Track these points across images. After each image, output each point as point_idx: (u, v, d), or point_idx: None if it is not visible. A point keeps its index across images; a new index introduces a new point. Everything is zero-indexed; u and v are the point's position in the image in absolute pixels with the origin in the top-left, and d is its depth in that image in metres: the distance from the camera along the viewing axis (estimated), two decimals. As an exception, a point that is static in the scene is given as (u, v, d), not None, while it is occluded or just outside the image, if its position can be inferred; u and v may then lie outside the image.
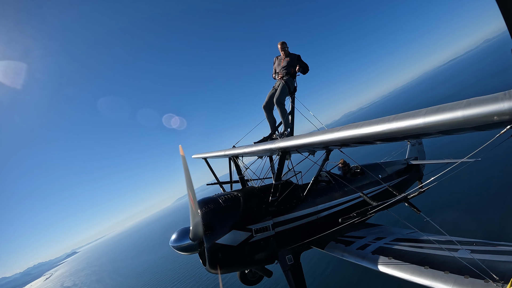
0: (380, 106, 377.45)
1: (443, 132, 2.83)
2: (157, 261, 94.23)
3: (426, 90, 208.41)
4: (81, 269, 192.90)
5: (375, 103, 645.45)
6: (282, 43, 7.43)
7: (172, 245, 5.54)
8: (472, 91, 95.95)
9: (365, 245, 5.36)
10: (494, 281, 3.43)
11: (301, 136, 4.69)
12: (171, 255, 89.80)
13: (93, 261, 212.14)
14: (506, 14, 1.57)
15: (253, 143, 6.69)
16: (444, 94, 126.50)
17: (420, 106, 2.70)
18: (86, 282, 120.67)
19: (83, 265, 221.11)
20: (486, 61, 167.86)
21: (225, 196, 6.03)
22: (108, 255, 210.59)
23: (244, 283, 7.85)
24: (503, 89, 2.16)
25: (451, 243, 4.55)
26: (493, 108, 2.00)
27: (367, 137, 3.34)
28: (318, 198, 6.49)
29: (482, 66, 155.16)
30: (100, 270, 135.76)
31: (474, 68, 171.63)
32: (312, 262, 25.91)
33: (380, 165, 8.92)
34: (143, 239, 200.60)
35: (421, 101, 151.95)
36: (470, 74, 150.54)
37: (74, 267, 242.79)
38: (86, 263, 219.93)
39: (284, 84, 7.14)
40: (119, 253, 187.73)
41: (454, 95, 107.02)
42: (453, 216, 28.87)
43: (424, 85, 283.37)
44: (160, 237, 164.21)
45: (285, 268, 5.85)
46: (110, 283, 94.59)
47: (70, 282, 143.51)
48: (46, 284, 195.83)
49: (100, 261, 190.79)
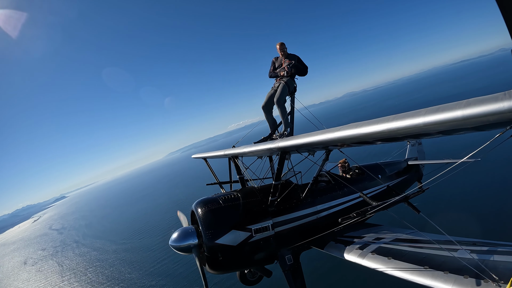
0: (384, 91, 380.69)
1: (443, 132, 2.83)
2: (148, 210, 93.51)
3: (432, 85, 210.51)
4: (70, 213, 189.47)
5: (380, 88, 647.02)
6: (280, 44, 7.42)
7: (172, 244, 5.55)
8: (477, 94, 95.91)
9: (364, 245, 5.36)
10: (494, 281, 3.43)
11: (301, 136, 4.69)
12: (163, 206, 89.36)
13: (83, 206, 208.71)
14: (506, 14, 1.57)
15: (253, 143, 6.69)
16: (449, 92, 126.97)
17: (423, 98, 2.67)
18: (74, 226, 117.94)
19: (72, 209, 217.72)
20: (499, 69, 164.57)
21: (225, 196, 6.04)
22: (98, 202, 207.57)
23: (244, 283, 7.84)
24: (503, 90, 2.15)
25: (451, 243, 4.55)
26: (493, 108, 2.00)
27: (367, 137, 3.34)
28: (317, 198, 6.48)
29: (494, 74, 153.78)
30: (90, 215, 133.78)
31: (485, 73, 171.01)
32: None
33: (380, 165, 8.92)
34: (134, 189, 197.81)
35: (425, 94, 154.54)
36: (480, 79, 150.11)
37: (63, 211, 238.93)
38: (75, 208, 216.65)
39: (284, 84, 7.14)
40: (110, 200, 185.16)
41: (458, 95, 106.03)
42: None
43: (431, 79, 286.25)
44: (150, 188, 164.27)
45: (285, 268, 5.85)
46: (99, 228, 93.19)
47: (59, 225, 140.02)
48: (34, 226, 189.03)
49: (90, 206, 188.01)
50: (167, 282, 38.51)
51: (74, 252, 70.44)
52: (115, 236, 73.86)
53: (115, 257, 56.61)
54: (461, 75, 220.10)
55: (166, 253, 47.98)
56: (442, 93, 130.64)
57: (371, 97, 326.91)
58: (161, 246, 52.83)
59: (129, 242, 64.56)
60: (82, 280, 49.00)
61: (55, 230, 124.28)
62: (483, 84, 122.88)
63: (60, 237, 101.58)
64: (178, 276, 38.70)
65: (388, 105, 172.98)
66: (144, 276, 42.90)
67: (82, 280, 49.00)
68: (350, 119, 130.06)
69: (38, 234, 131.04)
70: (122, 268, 49.39)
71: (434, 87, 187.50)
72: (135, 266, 48.26)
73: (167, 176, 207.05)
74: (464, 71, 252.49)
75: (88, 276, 50.25)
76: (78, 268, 56.51)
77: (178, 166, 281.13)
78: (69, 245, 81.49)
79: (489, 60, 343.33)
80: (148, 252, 53.22)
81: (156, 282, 39.63)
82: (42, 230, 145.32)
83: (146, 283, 40.27)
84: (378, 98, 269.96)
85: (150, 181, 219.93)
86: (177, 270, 40.64)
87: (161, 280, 39.57)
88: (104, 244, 69.11)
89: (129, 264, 50.40)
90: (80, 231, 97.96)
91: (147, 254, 52.26)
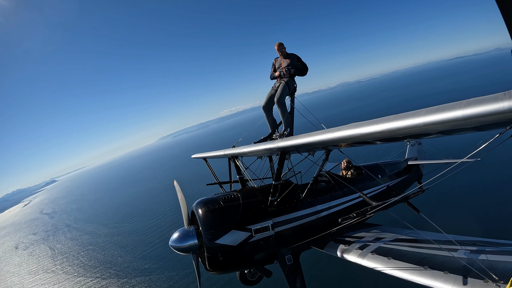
0: (379, 83, 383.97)
1: (443, 132, 2.83)
2: (140, 194, 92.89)
3: (427, 80, 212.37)
4: (60, 197, 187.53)
5: (374, 79, 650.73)
6: (279, 45, 7.46)
7: (173, 245, 5.55)
8: (472, 92, 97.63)
9: (364, 245, 5.36)
10: (494, 281, 3.43)
11: (301, 136, 4.69)
12: (154, 190, 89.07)
13: (73, 190, 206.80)
14: (506, 14, 1.57)
15: (253, 143, 6.69)
16: (443, 88, 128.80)
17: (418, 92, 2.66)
18: (65, 210, 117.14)
19: (62, 193, 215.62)
20: (494, 69, 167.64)
21: (225, 196, 6.04)
22: (88, 186, 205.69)
23: (244, 283, 7.85)
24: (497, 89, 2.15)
25: (451, 243, 4.55)
26: (493, 108, 2.00)
27: (367, 137, 3.34)
28: (317, 198, 6.48)
29: (489, 72, 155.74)
30: (81, 199, 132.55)
31: (480, 72, 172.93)
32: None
33: (379, 165, 8.92)
34: (125, 173, 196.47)
35: (420, 88, 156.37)
36: (474, 77, 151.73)
37: (54, 195, 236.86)
38: (66, 192, 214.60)
39: (284, 84, 7.16)
40: (101, 184, 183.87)
41: (453, 91, 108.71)
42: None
43: (426, 74, 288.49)
44: (142, 172, 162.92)
45: (285, 268, 5.85)
46: (90, 212, 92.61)
47: (49, 209, 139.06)
48: (24, 210, 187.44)
49: (81, 190, 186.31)
50: (160, 266, 38.22)
51: (66, 236, 69.85)
52: (106, 220, 73.32)
53: (107, 240, 56.30)
54: (456, 72, 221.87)
55: (159, 237, 47.85)
56: (437, 88, 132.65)
57: (365, 88, 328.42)
58: (154, 230, 52.77)
59: (121, 225, 64.18)
60: (74, 264, 48.65)
61: (46, 214, 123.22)
62: (477, 82, 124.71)
63: (52, 221, 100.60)
64: (172, 259, 38.27)
65: (382, 96, 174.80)
66: (137, 260, 42.62)
67: (74, 264, 48.65)
68: (344, 108, 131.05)
69: (29, 219, 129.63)
70: (114, 251, 49.16)
71: (429, 82, 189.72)
72: (128, 250, 47.99)
73: (159, 160, 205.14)
74: (459, 68, 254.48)
75: (80, 260, 49.95)
76: (70, 252, 56.13)
77: (170, 151, 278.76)
78: (61, 229, 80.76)
79: (485, 58, 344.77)
80: (140, 235, 52.94)
81: (150, 265, 39.39)
82: (33, 214, 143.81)
83: (140, 266, 39.98)
84: (372, 89, 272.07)
85: (141, 165, 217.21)
86: (170, 254, 39.93)
87: (155, 264, 39.36)
88: (96, 228, 68.62)
89: (121, 247, 50.10)
90: (72, 215, 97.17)
91: (140, 237, 52.00)
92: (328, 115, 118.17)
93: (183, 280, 33.10)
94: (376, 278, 20.26)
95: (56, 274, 47.05)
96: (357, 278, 23.99)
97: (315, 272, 26.30)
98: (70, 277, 43.86)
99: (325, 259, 28.43)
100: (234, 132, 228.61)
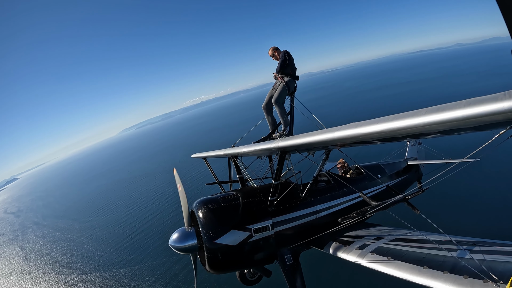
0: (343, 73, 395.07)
1: (443, 132, 2.82)
2: (109, 186, 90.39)
3: (390, 71, 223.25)
4: (24, 195, 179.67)
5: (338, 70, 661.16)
6: (272, 50, 7.73)
7: (173, 245, 5.54)
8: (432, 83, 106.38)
9: (364, 245, 5.36)
10: (493, 281, 3.43)
11: (301, 136, 4.68)
12: (123, 181, 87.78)
13: (37, 187, 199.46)
14: (506, 14, 1.57)
15: (253, 143, 6.69)
16: (405, 79, 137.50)
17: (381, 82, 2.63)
18: (32, 207, 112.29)
19: (26, 191, 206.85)
20: (454, 62, 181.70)
21: (225, 196, 6.04)
22: (53, 181, 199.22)
23: (244, 283, 7.85)
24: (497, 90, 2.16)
25: (450, 243, 4.56)
26: (493, 108, 1.99)
27: (366, 137, 3.34)
28: (317, 198, 6.48)
29: (449, 66, 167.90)
30: (46, 196, 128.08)
31: (441, 64, 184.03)
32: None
33: (379, 165, 8.92)
34: (90, 167, 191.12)
35: (383, 79, 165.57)
36: (435, 69, 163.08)
37: (17, 193, 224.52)
38: (30, 189, 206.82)
39: (284, 84, 7.20)
40: (66, 179, 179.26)
41: (415, 82, 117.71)
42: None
43: (389, 66, 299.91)
44: (107, 164, 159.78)
45: (285, 268, 5.85)
46: (58, 208, 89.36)
47: (14, 208, 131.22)
48: None
49: (45, 187, 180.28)
50: (145, 256, 37.05)
51: (36, 235, 67.10)
52: (77, 215, 71.11)
53: (81, 235, 54.50)
54: (418, 63, 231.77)
55: (138, 228, 46.46)
56: (400, 79, 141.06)
57: (329, 78, 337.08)
58: (131, 221, 51.24)
59: (94, 219, 62.31)
60: (50, 263, 46.78)
61: (11, 214, 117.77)
62: (437, 74, 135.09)
63: (18, 220, 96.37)
64: (157, 248, 37.27)
65: (347, 86, 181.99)
66: (118, 251, 41.24)
67: (50, 263, 46.78)
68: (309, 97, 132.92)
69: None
70: (91, 246, 47.37)
71: (392, 72, 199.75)
72: (105, 243, 46.32)
73: (124, 152, 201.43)
74: (421, 61, 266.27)
75: (56, 258, 47.98)
76: (43, 250, 53.88)
77: (134, 142, 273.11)
78: (29, 227, 77.37)
79: (446, 52, 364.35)
80: (117, 227, 51.35)
81: (134, 256, 38.13)
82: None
83: (123, 258, 38.65)
84: (336, 80, 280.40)
85: (107, 158, 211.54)
86: (155, 243, 39.28)
87: (140, 254, 38.09)
88: (67, 224, 66.56)
89: (98, 241, 48.35)
90: (39, 212, 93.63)
91: (116, 229, 50.43)
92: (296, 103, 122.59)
93: (173, 268, 31.86)
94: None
95: (32, 274, 45.31)
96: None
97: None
98: (48, 276, 42.20)
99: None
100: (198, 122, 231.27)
